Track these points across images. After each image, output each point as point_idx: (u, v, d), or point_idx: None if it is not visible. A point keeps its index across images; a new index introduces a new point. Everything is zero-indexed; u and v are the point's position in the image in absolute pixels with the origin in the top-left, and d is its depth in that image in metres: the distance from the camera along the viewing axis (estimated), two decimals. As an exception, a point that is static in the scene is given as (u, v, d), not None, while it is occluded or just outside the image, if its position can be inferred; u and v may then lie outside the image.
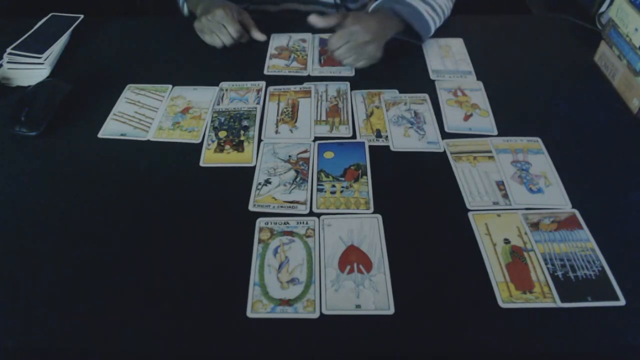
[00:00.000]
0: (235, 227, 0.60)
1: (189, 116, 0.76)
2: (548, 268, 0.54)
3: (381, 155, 0.69)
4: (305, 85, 0.82)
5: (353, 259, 0.55)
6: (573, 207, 0.61)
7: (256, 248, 0.57)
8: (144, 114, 0.77)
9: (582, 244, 0.56)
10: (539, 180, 0.64)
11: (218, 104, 0.78)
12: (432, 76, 0.83)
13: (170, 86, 0.82)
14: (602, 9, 0.93)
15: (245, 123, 0.74)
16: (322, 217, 0.60)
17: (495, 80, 0.81)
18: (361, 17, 0.78)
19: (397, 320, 0.50)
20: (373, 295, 0.52)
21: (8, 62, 0.84)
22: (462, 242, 0.57)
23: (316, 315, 0.51)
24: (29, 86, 0.79)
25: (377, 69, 0.81)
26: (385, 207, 0.61)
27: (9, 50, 0.84)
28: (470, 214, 0.60)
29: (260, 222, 0.60)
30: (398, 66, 0.85)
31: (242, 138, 0.72)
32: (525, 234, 0.58)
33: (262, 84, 0.82)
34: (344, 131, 0.73)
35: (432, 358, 0.50)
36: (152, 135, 0.73)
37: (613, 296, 0.51)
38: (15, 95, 0.79)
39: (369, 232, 0.58)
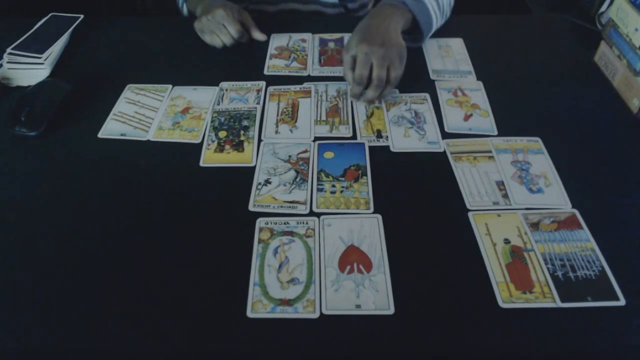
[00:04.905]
0: (235, 227, 0.60)
1: (189, 116, 0.76)
2: (548, 268, 0.54)
3: (381, 155, 0.69)
4: (305, 85, 0.82)
5: (353, 259, 0.55)
6: (573, 207, 0.61)
7: (256, 248, 0.57)
8: (144, 114, 0.77)
9: (582, 244, 0.56)
10: (539, 180, 0.64)
11: (218, 104, 0.78)
12: (432, 76, 0.83)
13: (170, 86, 0.82)
14: (602, 9, 0.93)
15: (245, 123, 0.74)
16: (322, 217, 0.60)
17: (495, 80, 0.81)
18: (361, 34, 0.73)
19: (397, 320, 0.50)
20: (373, 295, 0.52)
21: (8, 62, 0.84)
22: (462, 242, 0.57)
23: (316, 315, 0.51)
24: (29, 86, 0.79)
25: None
26: (385, 207, 0.61)
27: (9, 50, 0.84)
28: (470, 214, 0.60)
29: (260, 222, 0.60)
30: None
31: (242, 138, 0.72)
32: (525, 234, 0.58)
33: (262, 84, 0.82)
34: (344, 131, 0.73)
35: (432, 358, 0.50)
36: (152, 135, 0.73)
37: (613, 296, 0.51)
38: (15, 95, 0.79)
39: (369, 232, 0.58)
